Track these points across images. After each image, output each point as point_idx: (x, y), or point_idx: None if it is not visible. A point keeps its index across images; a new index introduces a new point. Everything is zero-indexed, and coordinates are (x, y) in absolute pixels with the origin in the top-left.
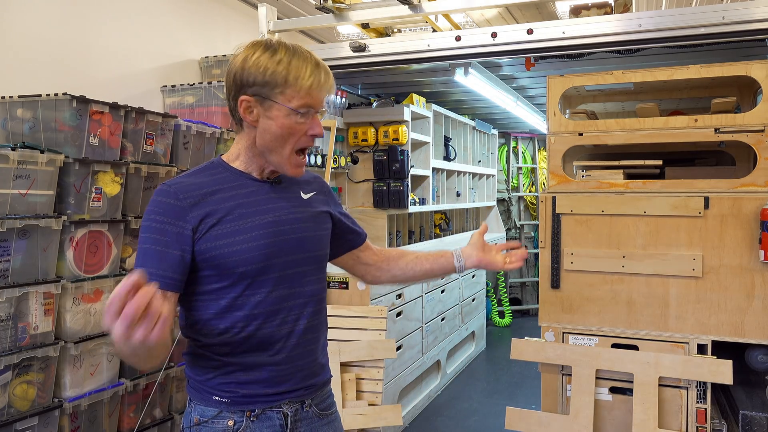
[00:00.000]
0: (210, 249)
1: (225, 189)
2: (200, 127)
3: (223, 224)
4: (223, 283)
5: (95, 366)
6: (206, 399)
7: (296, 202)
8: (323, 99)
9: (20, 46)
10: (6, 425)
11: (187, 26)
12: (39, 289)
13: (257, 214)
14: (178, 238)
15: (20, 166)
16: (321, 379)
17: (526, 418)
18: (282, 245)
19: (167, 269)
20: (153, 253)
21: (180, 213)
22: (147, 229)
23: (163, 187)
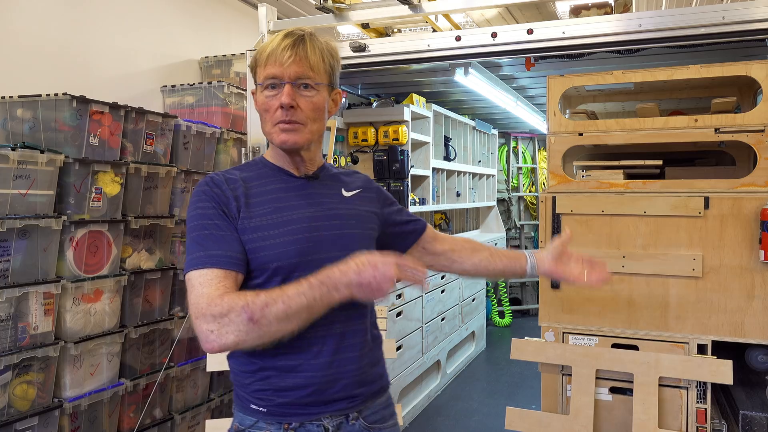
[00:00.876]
0: (246, 242)
1: (263, 184)
2: (200, 127)
3: (258, 218)
4: (258, 280)
5: (95, 366)
6: (245, 407)
7: (336, 199)
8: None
9: (20, 46)
10: (6, 425)
11: (187, 26)
12: (39, 289)
13: (293, 209)
14: (231, 223)
15: (20, 166)
16: (369, 389)
17: (526, 418)
18: (318, 241)
19: (233, 250)
20: (213, 237)
21: (226, 201)
22: (200, 216)
23: (205, 179)
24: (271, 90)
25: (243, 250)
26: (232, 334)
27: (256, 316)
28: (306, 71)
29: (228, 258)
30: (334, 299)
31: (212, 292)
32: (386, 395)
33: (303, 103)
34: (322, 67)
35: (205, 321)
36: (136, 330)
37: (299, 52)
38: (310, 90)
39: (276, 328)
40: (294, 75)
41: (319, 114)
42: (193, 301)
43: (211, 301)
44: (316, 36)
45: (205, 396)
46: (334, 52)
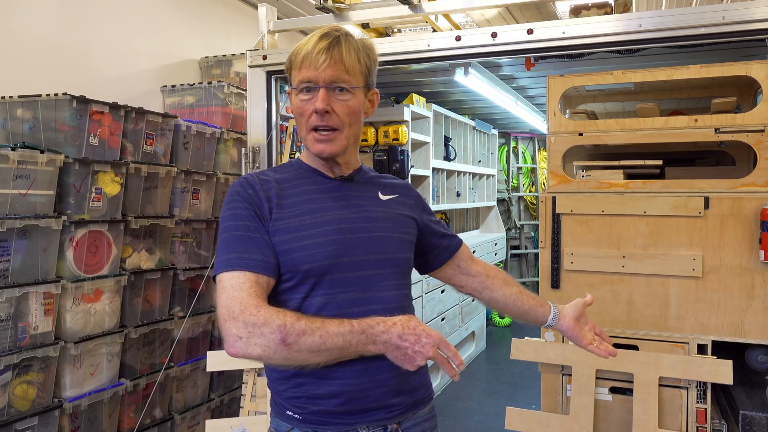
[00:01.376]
0: (278, 243)
1: (296, 185)
2: (200, 127)
3: (290, 219)
4: (290, 283)
5: (95, 366)
6: (281, 413)
7: (371, 202)
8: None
9: (20, 46)
10: (6, 425)
11: (187, 26)
12: (39, 289)
13: (326, 210)
14: (263, 225)
15: (20, 166)
16: (408, 399)
17: (526, 418)
18: (351, 244)
19: (265, 254)
20: (244, 239)
21: (259, 203)
22: (233, 217)
23: (239, 180)
24: (306, 94)
25: (275, 254)
26: (259, 347)
27: (290, 341)
28: (341, 75)
29: (260, 262)
30: (369, 351)
31: (246, 299)
32: (429, 406)
33: (338, 107)
34: (357, 68)
35: (236, 326)
36: (136, 330)
37: (334, 55)
38: (345, 94)
39: (305, 357)
40: (329, 79)
41: (355, 118)
42: (223, 303)
43: (245, 308)
44: (351, 36)
45: (205, 396)
46: (371, 51)
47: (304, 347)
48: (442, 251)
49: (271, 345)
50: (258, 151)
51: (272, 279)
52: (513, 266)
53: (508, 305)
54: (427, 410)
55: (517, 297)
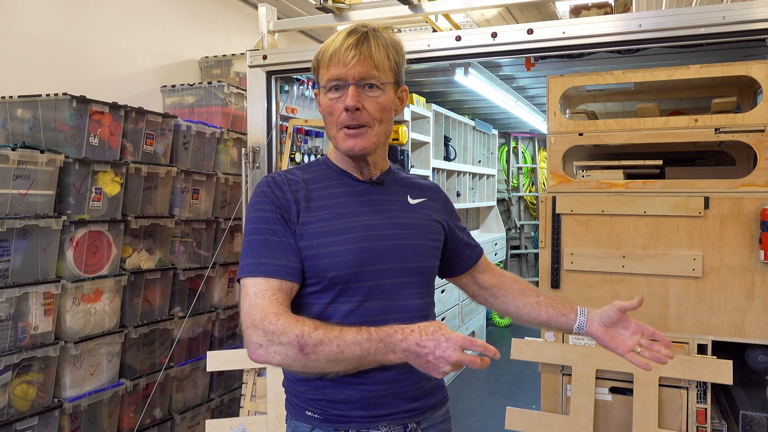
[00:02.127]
0: (304, 248)
1: (325, 186)
2: (200, 127)
3: (318, 223)
4: (315, 288)
5: (95, 366)
6: (299, 414)
7: (400, 206)
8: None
9: (20, 46)
10: (6, 425)
11: (187, 26)
12: (39, 289)
13: (354, 215)
14: (290, 228)
15: (20, 166)
16: (427, 402)
17: (526, 418)
18: (378, 251)
19: (290, 258)
20: (269, 243)
21: (285, 204)
22: (258, 220)
23: (267, 179)
24: (335, 92)
25: (299, 259)
26: (278, 356)
27: (307, 350)
28: (371, 71)
29: (284, 268)
30: (389, 360)
31: (267, 306)
32: (445, 408)
33: (368, 104)
34: (387, 64)
35: (256, 333)
36: (136, 330)
37: (363, 51)
38: (375, 90)
39: (323, 366)
40: (358, 75)
41: (386, 114)
42: (246, 310)
43: (265, 316)
44: (379, 32)
45: (205, 396)
46: (399, 47)
47: (321, 357)
48: (463, 260)
49: (290, 354)
50: (258, 151)
51: (296, 284)
52: (513, 266)
53: (522, 316)
54: (443, 411)
55: (533, 308)
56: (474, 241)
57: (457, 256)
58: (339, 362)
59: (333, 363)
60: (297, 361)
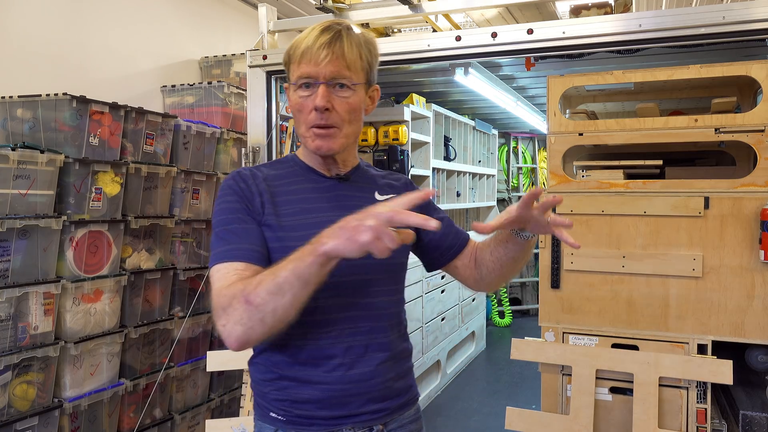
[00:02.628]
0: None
1: (290, 183)
2: (200, 127)
3: (281, 218)
4: None
5: (95, 366)
6: (264, 415)
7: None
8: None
9: (20, 46)
10: (6, 425)
11: (187, 26)
12: (39, 289)
13: (318, 211)
14: (255, 218)
15: (20, 166)
16: (395, 403)
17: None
18: None
19: (254, 243)
20: (236, 231)
21: (250, 197)
22: (224, 211)
23: (232, 174)
24: (305, 90)
25: (265, 245)
26: (238, 325)
27: (251, 297)
28: (342, 71)
29: (250, 251)
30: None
31: (224, 281)
32: (414, 408)
33: (338, 104)
34: (359, 64)
35: (218, 317)
36: (136, 330)
37: (336, 50)
38: (346, 90)
39: (273, 305)
40: (329, 75)
41: (356, 115)
42: (213, 298)
43: (220, 291)
44: (353, 30)
45: (205, 396)
46: (372, 46)
47: (264, 294)
48: (446, 249)
49: (243, 315)
50: (258, 151)
51: (263, 267)
52: None
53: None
54: (412, 412)
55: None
56: (456, 229)
57: (437, 248)
58: (281, 290)
59: (278, 295)
60: (252, 317)
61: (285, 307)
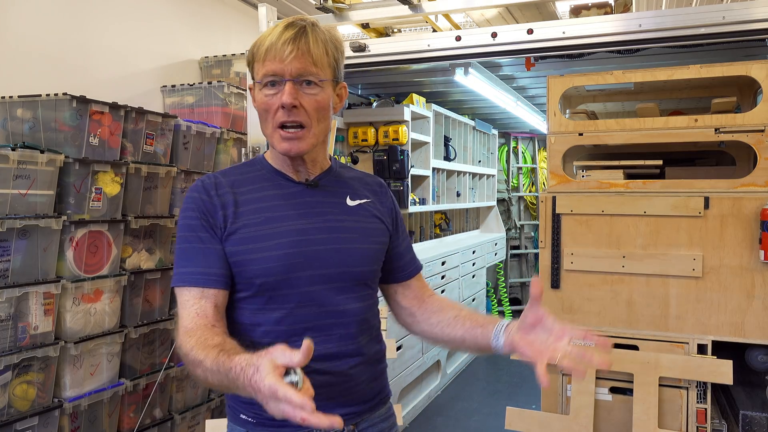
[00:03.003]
0: (231, 254)
1: (256, 189)
2: (200, 127)
3: (246, 228)
4: (244, 294)
5: (95, 366)
6: (235, 417)
7: (336, 209)
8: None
9: (20, 46)
10: (6, 425)
11: (187, 26)
12: (39, 289)
13: (285, 219)
14: (215, 233)
15: (20, 166)
16: (366, 406)
17: (526, 418)
18: (309, 257)
19: (211, 265)
20: (193, 251)
21: (212, 209)
22: (185, 227)
23: (196, 183)
24: (271, 88)
25: (225, 265)
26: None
27: (190, 368)
28: (309, 67)
29: (205, 275)
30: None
31: (185, 318)
32: (386, 407)
33: (306, 101)
34: (325, 60)
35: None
36: (136, 330)
37: (301, 46)
38: (313, 87)
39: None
40: (296, 72)
41: (324, 113)
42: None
43: (179, 327)
44: (318, 26)
45: (205, 396)
46: (338, 42)
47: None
48: (397, 270)
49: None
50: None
51: (222, 290)
52: (513, 266)
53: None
54: (384, 410)
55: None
56: (414, 255)
57: (389, 263)
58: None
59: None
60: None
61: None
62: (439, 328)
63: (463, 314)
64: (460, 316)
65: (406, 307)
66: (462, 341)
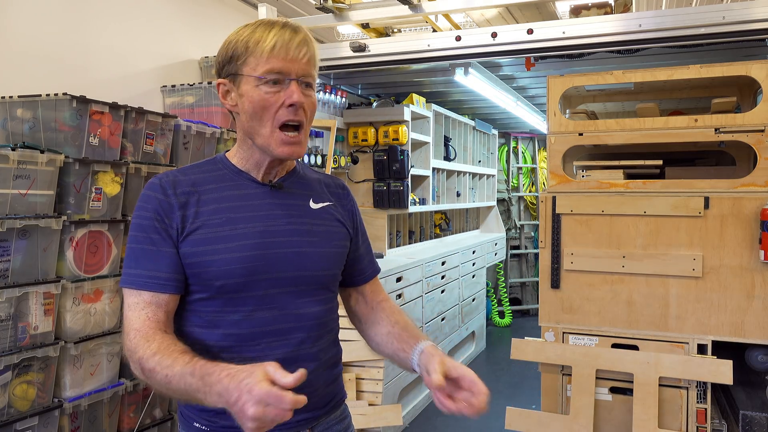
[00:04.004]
0: (189, 255)
1: (218, 189)
2: (200, 127)
3: (206, 228)
4: (202, 296)
5: (95, 366)
6: (188, 425)
7: (299, 212)
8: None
9: (20, 46)
10: (6, 425)
11: (187, 26)
12: (39, 289)
13: (247, 221)
14: (169, 235)
15: (20, 166)
16: (321, 412)
17: (526, 418)
18: (270, 260)
19: (161, 269)
20: (143, 253)
21: (168, 209)
22: (136, 227)
23: (153, 181)
24: (273, 86)
25: (177, 269)
26: (137, 371)
27: (147, 374)
28: (311, 70)
29: (156, 280)
30: (210, 403)
31: (133, 321)
32: (340, 409)
33: (306, 103)
34: (317, 65)
35: (124, 345)
36: None
37: (311, 49)
38: (310, 90)
39: (164, 392)
40: (302, 72)
41: (313, 115)
42: (123, 322)
43: (128, 331)
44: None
45: None
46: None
47: (156, 383)
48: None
49: (139, 374)
50: None
51: (172, 295)
52: (513, 266)
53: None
54: (338, 413)
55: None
56: (372, 257)
57: (348, 267)
58: (172, 392)
59: (169, 392)
60: (146, 381)
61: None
62: (374, 343)
63: (394, 331)
64: (391, 333)
65: (356, 313)
66: (392, 358)
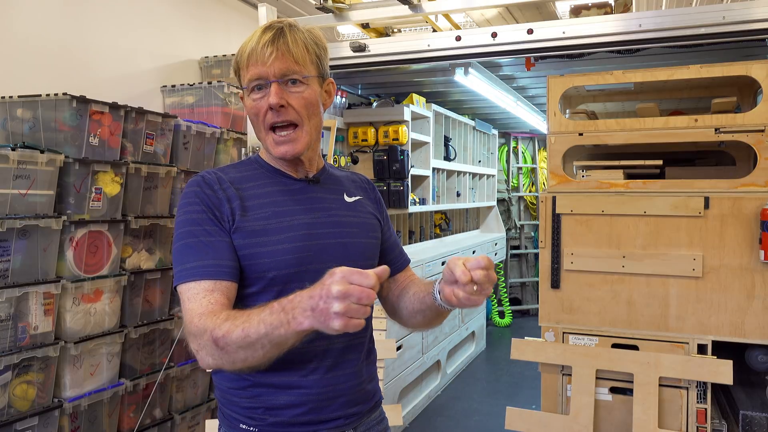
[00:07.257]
0: (241, 247)
1: (258, 185)
2: (200, 127)
3: (255, 221)
4: (254, 288)
5: (95, 366)
6: (233, 426)
7: (338, 205)
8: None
9: (20, 46)
10: (6, 425)
11: (187, 26)
12: (39, 289)
13: (292, 214)
14: (223, 227)
15: (20, 166)
16: (365, 408)
17: (526, 418)
18: (318, 250)
19: (222, 258)
20: (200, 245)
21: (217, 203)
22: (189, 222)
23: (195, 179)
24: (258, 92)
25: (235, 257)
26: (209, 357)
27: (220, 343)
28: (291, 66)
29: (216, 267)
30: (295, 328)
31: (195, 309)
32: (379, 410)
33: (294, 100)
34: (307, 58)
35: (190, 340)
36: (136, 330)
37: (280, 47)
38: (299, 85)
39: (243, 355)
40: (279, 72)
41: (314, 109)
42: (184, 318)
43: (191, 319)
44: (297, 26)
45: (205, 396)
46: (319, 40)
47: (233, 345)
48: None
49: (213, 353)
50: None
51: (232, 282)
52: (513, 266)
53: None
54: (378, 413)
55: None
56: (402, 248)
57: (381, 258)
58: (252, 347)
59: (247, 350)
60: (221, 358)
61: (257, 359)
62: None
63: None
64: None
65: (390, 302)
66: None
